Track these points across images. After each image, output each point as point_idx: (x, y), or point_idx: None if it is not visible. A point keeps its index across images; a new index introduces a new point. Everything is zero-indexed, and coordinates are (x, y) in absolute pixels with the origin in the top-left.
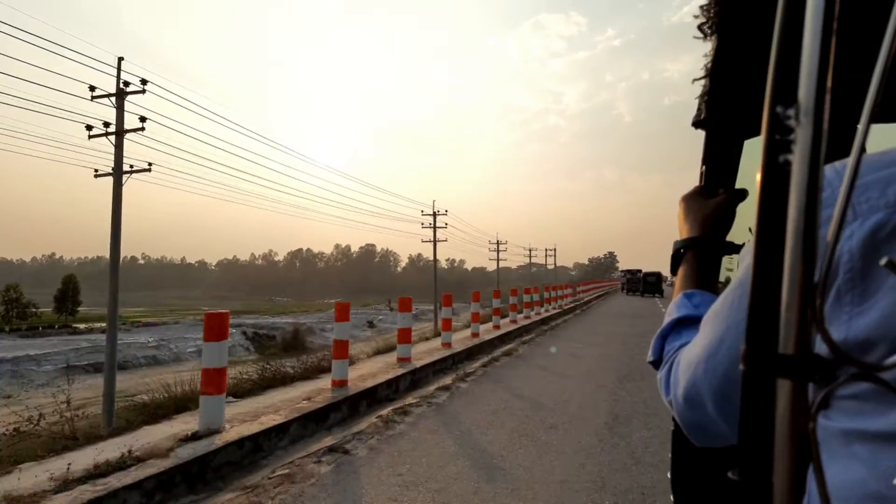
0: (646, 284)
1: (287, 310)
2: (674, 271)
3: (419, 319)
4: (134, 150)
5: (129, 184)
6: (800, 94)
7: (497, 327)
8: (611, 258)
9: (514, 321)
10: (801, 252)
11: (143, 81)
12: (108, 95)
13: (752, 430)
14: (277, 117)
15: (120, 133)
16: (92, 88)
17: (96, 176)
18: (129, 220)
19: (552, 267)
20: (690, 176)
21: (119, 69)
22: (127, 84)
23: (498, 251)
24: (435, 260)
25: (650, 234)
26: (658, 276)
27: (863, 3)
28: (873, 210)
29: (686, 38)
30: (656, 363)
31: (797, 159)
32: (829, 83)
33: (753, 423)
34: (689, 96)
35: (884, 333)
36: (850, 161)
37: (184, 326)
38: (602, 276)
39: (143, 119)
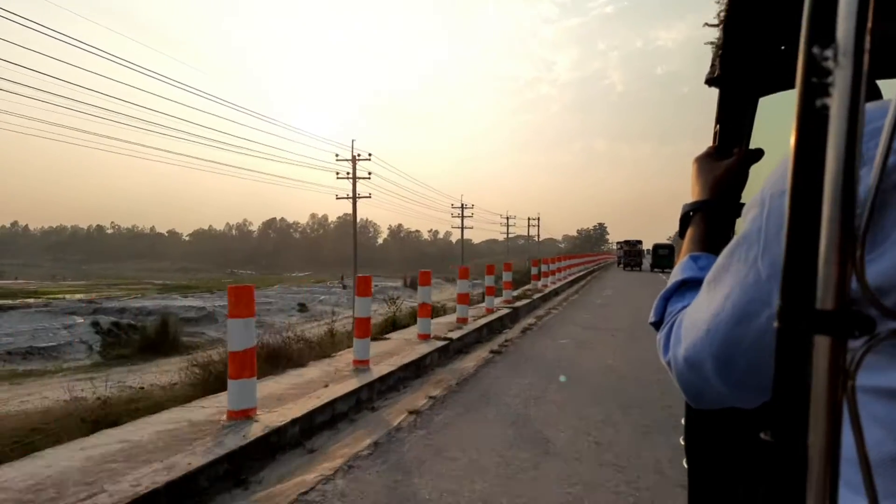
0: (656, 258)
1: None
2: (682, 234)
3: (378, 300)
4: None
5: (96, 154)
6: (838, 34)
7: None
8: (601, 230)
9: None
10: (840, 200)
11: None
12: None
13: (788, 389)
14: (266, 85)
15: None
16: None
17: None
18: (100, 189)
19: (540, 239)
20: (681, 147)
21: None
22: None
23: (462, 217)
24: (355, 224)
25: (641, 206)
26: (671, 250)
27: None
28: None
29: (680, 5)
30: (657, 324)
31: (836, 102)
32: (869, 22)
33: (789, 381)
34: (681, 65)
35: (894, 283)
36: (893, 104)
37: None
38: (592, 248)
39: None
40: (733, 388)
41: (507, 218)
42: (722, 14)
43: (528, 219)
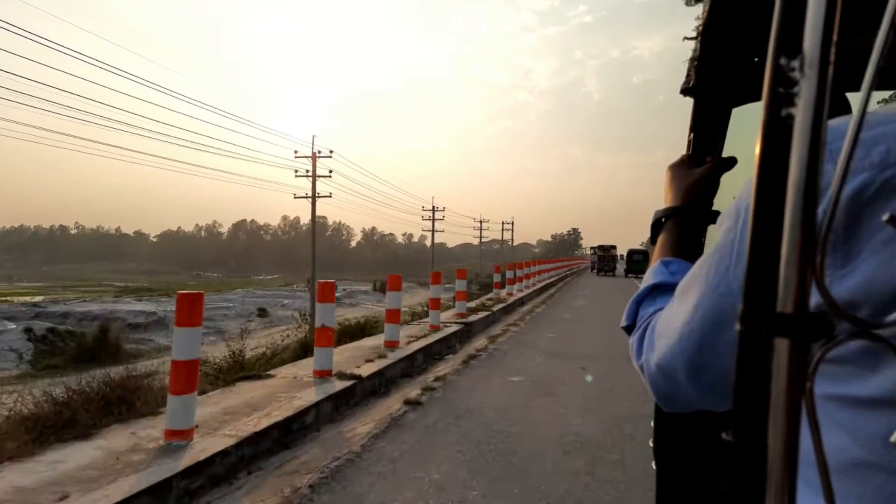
0: (631, 263)
1: (193, 288)
2: (653, 240)
3: (342, 304)
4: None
5: (64, 153)
6: (805, 45)
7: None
8: (575, 235)
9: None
10: (801, 208)
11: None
12: None
13: (748, 391)
14: (240, 85)
15: None
16: None
17: None
18: (65, 188)
19: (515, 244)
20: (655, 155)
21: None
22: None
23: (433, 220)
24: (314, 223)
25: (615, 213)
26: (646, 255)
27: None
28: (857, 170)
29: (657, 17)
30: (629, 328)
31: (800, 113)
32: (835, 35)
33: (749, 383)
34: (657, 74)
35: (868, 295)
36: (853, 118)
37: None
38: (566, 253)
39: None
40: (705, 394)
41: (481, 222)
42: (700, 27)
43: (503, 223)
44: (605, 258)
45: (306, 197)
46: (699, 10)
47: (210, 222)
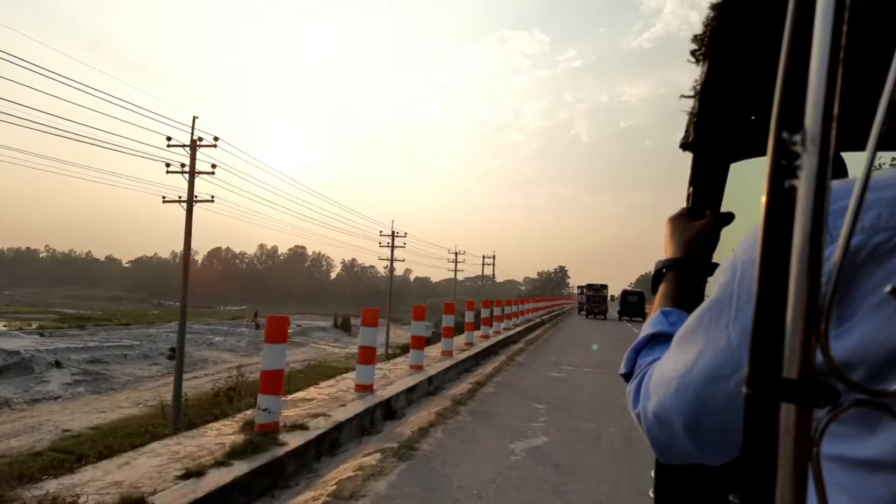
0: (626, 305)
1: (111, 319)
2: (654, 290)
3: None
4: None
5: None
6: (806, 120)
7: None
8: (561, 273)
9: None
10: (806, 276)
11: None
12: None
13: (755, 453)
14: (234, 117)
15: None
16: None
17: None
18: (34, 209)
19: (500, 280)
20: (642, 197)
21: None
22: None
23: (392, 247)
24: (188, 238)
25: (602, 253)
26: (641, 297)
27: (870, 32)
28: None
29: (644, 64)
30: (627, 376)
31: (803, 185)
32: (835, 110)
33: (756, 446)
34: (644, 120)
35: (861, 357)
36: (856, 185)
37: None
38: (553, 291)
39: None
40: (701, 446)
41: (455, 254)
42: (697, 87)
43: (483, 257)
44: (594, 299)
45: (179, 201)
46: (692, 60)
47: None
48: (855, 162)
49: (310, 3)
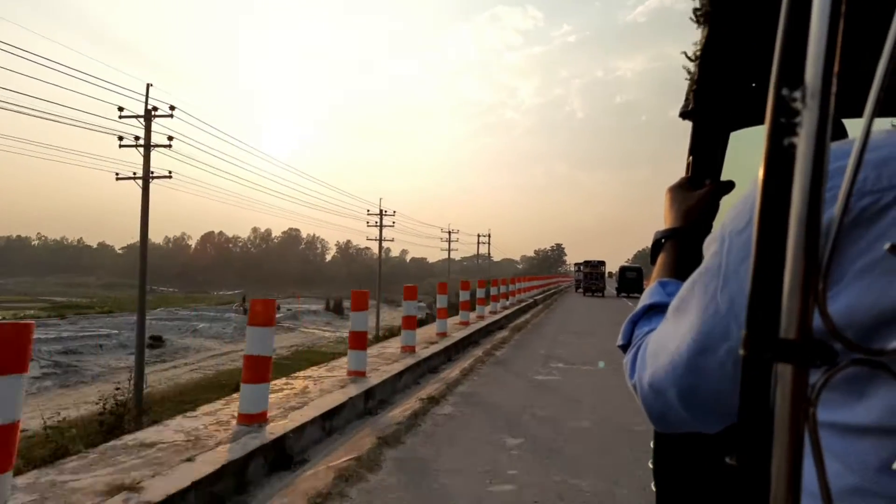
0: (624, 281)
1: (100, 305)
2: (653, 261)
3: (282, 328)
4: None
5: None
6: (806, 76)
7: None
8: (558, 251)
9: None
10: (804, 235)
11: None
12: None
13: (752, 416)
14: (220, 98)
15: None
16: None
17: None
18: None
19: (496, 259)
20: (637, 173)
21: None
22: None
23: (381, 226)
24: (145, 218)
25: (599, 230)
26: (639, 272)
27: None
28: (834, 199)
29: (639, 38)
30: (625, 347)
31: (802, 142)
32: (836, 66)
33: (753, 408)
34: (639, 94)
35: (849, 321)
36: (855, 144)
37: None
38: (550, 269)
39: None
40: (696, 414)
41: (449, 233)
42: (697, 52)
43: (478, 235)
44: (592, 276)
45: (134, 178)
46: (691, 33)
47: (178, 234)
48: (855, 129)
49: None
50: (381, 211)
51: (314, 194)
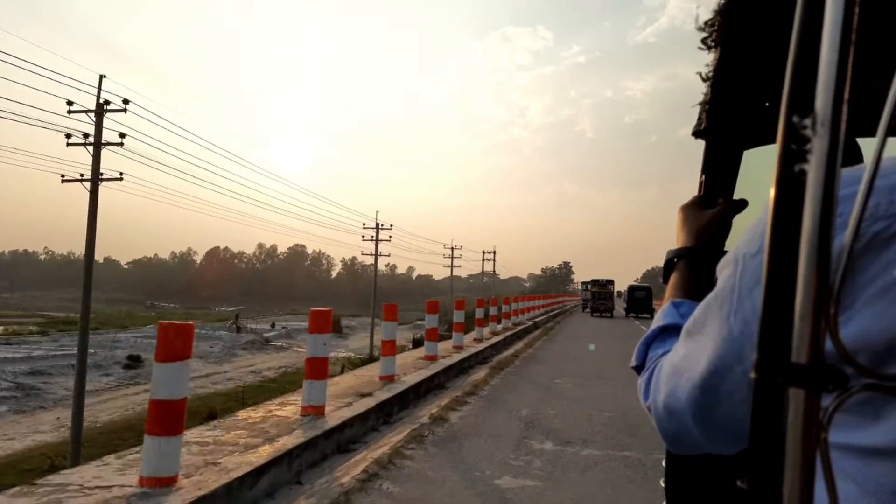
0: (632, 301)
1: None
2: (665, 280)
3: (267, 349)
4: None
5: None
6: (816, 104)
7: None
8: (566, 269)
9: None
10: (815, 260)
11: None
12: None
13: (763, 439)
14: (229, 115)
15: None
16: None
17: None
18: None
19: (503, 277)
20: (647, 193)
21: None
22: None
23: (377, 241)
24: (93, 223)
25: (607, 249)
26: (648, 292)
27: (881, 12)
28: (847, 224)
29: (649, 58)
30: (639, 368)
31: (813, 169)
32: (846, 94)
33: (764, 432)
34: (649, 115)
35: (861, 347)
36: (866, 171)
37: None
38: (557, 287)
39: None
40: (711, 436)
41: (452, 248)
42: (710, 73)
43: (483, 252)
44: (600, 295)
45: (82, 180)
46: (702, 54)
47: (185, 249)
48: (869, 148)
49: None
50: (377, 224)
51: (316, 210)
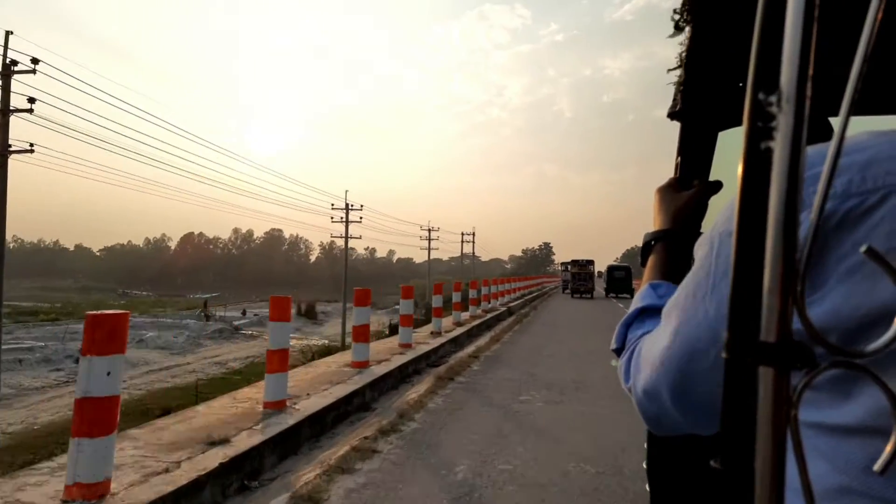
0: (612, 281)
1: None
2: (643, 262)
3: (235, 338)
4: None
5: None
6: (781, 80)
7: None
8: (546, 249)
9: None
10: (782, 238)
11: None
12: None
13: (735, 418)
14: (204, 99)
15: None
16: None
17: None
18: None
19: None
20: (626, 173)
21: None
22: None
23: (347, 222)
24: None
25: (586, 230)
26: (627, 272)
27: None
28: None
29: (626, 36)
30: (618, 351)
31: (779, 146)
32: (810, 70)
33: (735, 411)
34: (626, 94)
35: (834, 324)
36: (830, 148)
37: None
38: (538, 269)
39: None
40: (689, 417)
41: (430, 230)
42: (683, 53)
43: (462, 234)
44: (580, 276)
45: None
46: (678, 36)
47: (158, 235)
48: (854, 126)
49: None
50: (346, 205)
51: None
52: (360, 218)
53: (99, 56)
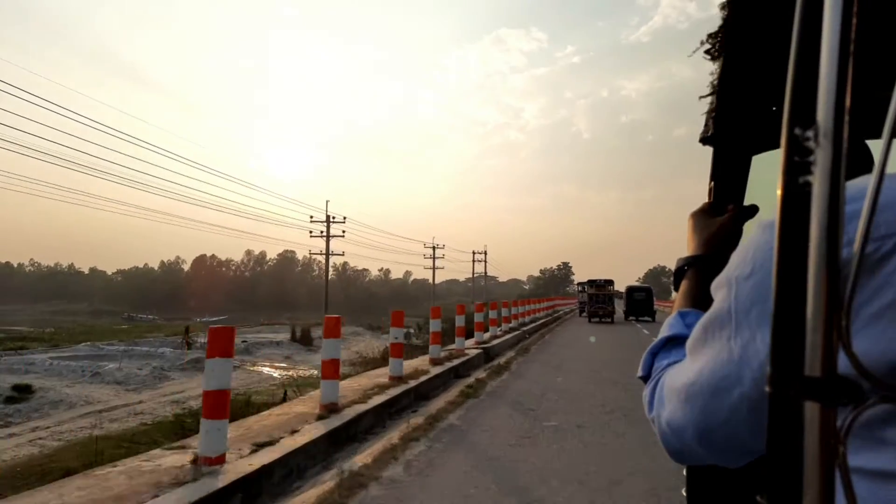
0: (631, 303)
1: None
2: (676, 288)
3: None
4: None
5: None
6: (818, 115)
7: None
8: (565, 269)
9: None
10: (825, 273)
11: None
12: None
13: (781, 453)
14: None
15: None
16: None
17: None
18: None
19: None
20: (646, 193)
21: None
22: None
23: (328, 236)
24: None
25: (605, 251)
26: (648, 293)
27: (879, 21)
28: (852, 240)
29: (643, 57)
30: (645, 378)
31: (818, 180)
32: (847, 103)
33: (782, 446)
34: (644, 114)
35: (867, 365)
36: (871, 180)
37: None
38: (556, 289)
39: None
40: (713, 454)
41: (434, 247)
42: (714, 81)
43: (473, 252)
44: (598, 298)
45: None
46: (696, 53)
47: (173, 258)
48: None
49: (299, 2)
50: (328, 217)
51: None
52: (343, 232)
53: (117, 81)
